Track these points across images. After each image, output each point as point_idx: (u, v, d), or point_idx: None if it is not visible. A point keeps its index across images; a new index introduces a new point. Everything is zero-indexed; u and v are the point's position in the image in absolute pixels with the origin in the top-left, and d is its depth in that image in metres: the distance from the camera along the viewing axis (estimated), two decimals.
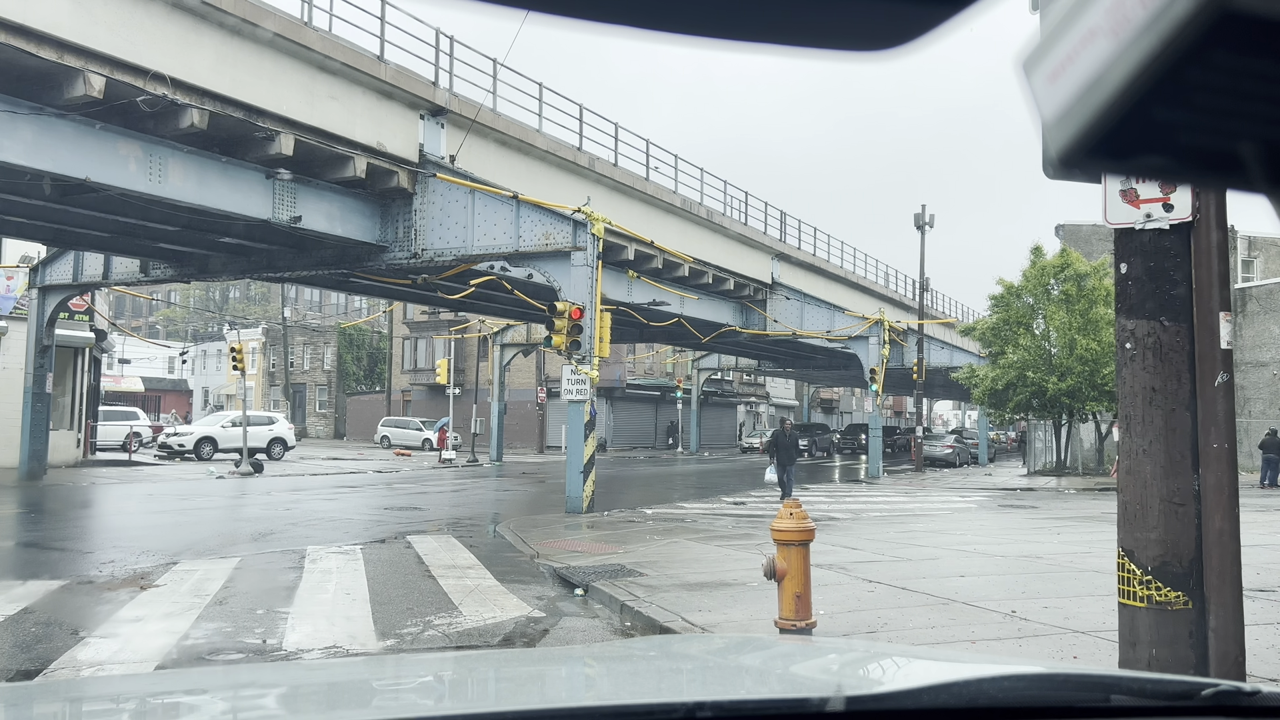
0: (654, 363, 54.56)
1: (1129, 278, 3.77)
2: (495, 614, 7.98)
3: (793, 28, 0.43)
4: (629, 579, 9.25)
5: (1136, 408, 3.77)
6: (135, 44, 13.63)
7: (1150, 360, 3.70)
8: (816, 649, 2.62)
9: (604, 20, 0.42)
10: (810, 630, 6.38)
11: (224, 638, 6.99)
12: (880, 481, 28.31)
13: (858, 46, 0.44)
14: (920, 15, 0.43)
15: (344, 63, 16.63)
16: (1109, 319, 28.80)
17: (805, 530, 6.53)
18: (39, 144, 13.99)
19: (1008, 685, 1.43)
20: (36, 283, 23.75)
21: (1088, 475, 30.26)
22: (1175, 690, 1.40)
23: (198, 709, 1.71)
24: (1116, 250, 3.76)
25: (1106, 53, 0.39)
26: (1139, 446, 3.77)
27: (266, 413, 40.72)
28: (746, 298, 30.99)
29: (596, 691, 1.85)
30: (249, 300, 79.96)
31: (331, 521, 15.19)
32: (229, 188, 16.48)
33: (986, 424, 45.90)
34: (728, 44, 0.44)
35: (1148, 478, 3.73)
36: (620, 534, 13.32)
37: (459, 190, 18.41)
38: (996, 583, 8.94)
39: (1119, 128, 0.39)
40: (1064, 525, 14.93)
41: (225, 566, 10.07)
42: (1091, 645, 6.23)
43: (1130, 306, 3.77)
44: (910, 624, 7.00)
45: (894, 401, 72.77)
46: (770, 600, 7.44)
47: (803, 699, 1.39)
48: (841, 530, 13.88)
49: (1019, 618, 7.13)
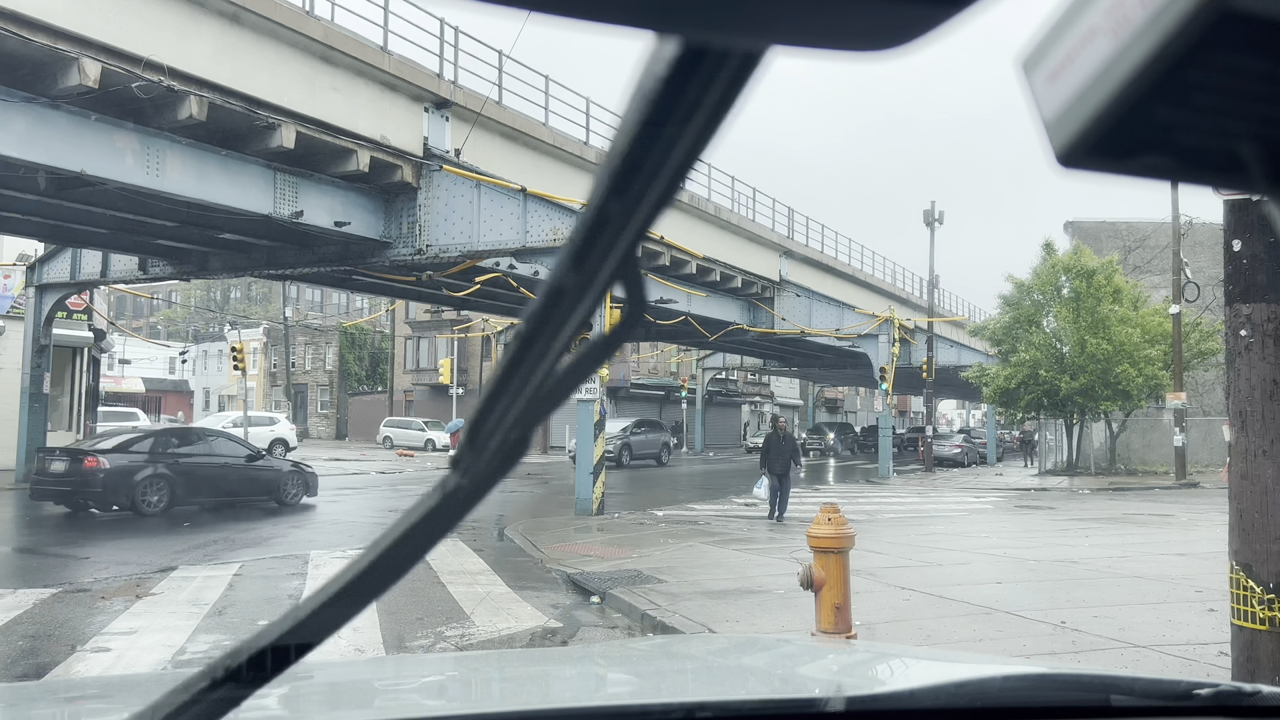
0: (658, 362, 54.14)
1: (1243, 256, 3.35)
2: (509, 624, 7.57)
3: (793, 28, 0.41)
4: (648, 586, 8.84)
5: (1254, 403, 3.35)
6: (132, 31, 13.21)
7: (1271, 349, 3.28)
8: (818, 650, 2.59)
9: (604, 20, 0.41)
10: None
11: (222, 652, 6.56)
12: (890, 482, 27.89)
13: (858, 46, 0.42)
14: (920, 15, 0.41)
15: (347, 53, 16.20)
16: (1119, 317, 28.45)
17: (845, 536, 6.10)
18: (33, 135, 13.55)
19: (1008, 685, 1.43)
20: (33, 281, 23.34)
21: (1100, 475, 29.85)
22: (1175, 690, 1.38)
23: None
24: (1227, 226, 3.35)
25: (1106, 53, 0.38)
26: (1258, 447, 3.34)
27: (268, 413, 40.34)
28: (754, 295, 30.53)
29: (597, 692, 1.86)
30: (250, 300, 79.60)
31: (334, 524, 14.79)
32: (229, 181, 16.05)
33: (996, 423, 45.52)
34: (727, 44, 0.44)
35: (1269, 483, 3.30)
36: (633, 537, 12.91)
37: (464, 184, 17.99)
38: (1036, 590, 8.52)
39: (1119, 128, 0.39)
40: (1089, 527, 14.50)
41: (224, 573, 9.66)
42: (1157, 661, 5.80)
43: (1245, 289, 3.35)
44: (955, 635, 6.57)
45: (899, 401, 72.37)
46: (799, 609, 7.03)
47: (803, 699, 1.40)
48: (861, 533, 13.36)
49: (1070, 629, 6.70)
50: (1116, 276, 29.71)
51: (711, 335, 33.20)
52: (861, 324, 30.69)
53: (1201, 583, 8.49)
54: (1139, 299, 30.22)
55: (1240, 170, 0.40)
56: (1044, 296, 29.99)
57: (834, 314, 30.97)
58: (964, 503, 20.21)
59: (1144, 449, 34.54)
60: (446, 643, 6.94)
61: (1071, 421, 31.06)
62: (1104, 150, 0.40)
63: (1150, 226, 37.14)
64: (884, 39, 0.42)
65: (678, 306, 26.94)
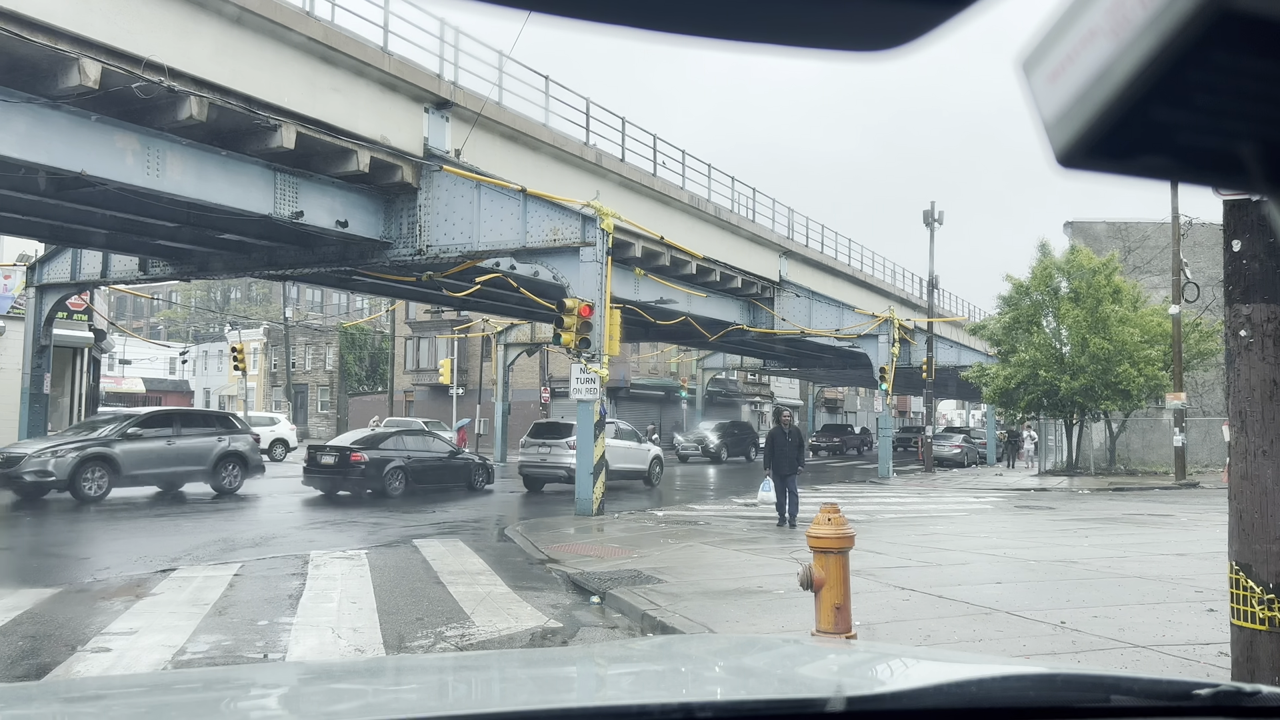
0: (658, 362, 54.11)
1: (1243, 256, 3.34)
2: (510, 624, 7.57)
3: (793, 27, 0.42)
4: (648, 586, 8.83)
5: (1254, 403, 3.34)
6: (132, 32, 13.21)
7: (1271, 349, 3.28)
8: (818, 650, 2.60)
9: (604, 20, 0.41)
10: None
11: (223, 652, 6.57)
12: (890, 482, 27.87)
13: (858, 46, 0.43)
14: (920, 15, 0.42)
15: (347, 54, 16.20)
16: (1119, 316, 28.42)
17: (845, 537, 6.10)
18: (33, 136, 13.56)
19: (1009, 685, 1.43)
20: (34, 281, 23.35)
21: (1100, 475, 29.83)
22: (1175, 690, 1.39)
23: (197, 709, 1.68)
24: (1227, 226, 3.35)
25: (1106, 53, 0.39)
26: (1257, 447, 3.34)
27: (268, 413, 40.32)
28: (754, 296, 30.53)
29: (597, 692, 1.85)
30: (250, 300, 79.56)
31: (335, 525, 14.78)
32: (229, 182, 16.05)
33: (995, 424, 45.49)
34: (727, 44, 0.44)
35: (1269, 483, 3.30)
36: (633, 537, 12.90)
37: (464, 185, 17.99)
38: (1036, 590, 8.51)
39: (1119, 128, 0.39)
40: (1089, 527, 14.49)
41: (225, 573, 9.65)
42: (1157, 661, 5.80)
43: (1245, 289, 3.35)
44: (955, 635, 6.57)
45: (898, 401, 72.33)
46: (799, 609, 7.03)
47: (803, 699, 1.39)
48: (861, 533, 13.34)
49: (1070, 629, 6.70)
50: (1116, 276, 29.71)
51: (711, 335, 33.19)
52: (861, 324, 30.68)
53: (1201, 583, 8.48)
54: (1138, 299, 30.22)
55: (1239, 170, 0.40)
56: (1043, 296, 29.97)
57: (834, 314, 30.96)
58: (964, 503, 20.20)
59: (1144, 449, 34.52)
60: (446, 643, 6.93)
61: (1071, 421, 31.04)
62: (1103, 150, 0.40)
63: (1150, 226, 37.13)
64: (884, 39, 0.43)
65: (678, 307, 26.94)
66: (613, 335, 16.52)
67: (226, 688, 1.97)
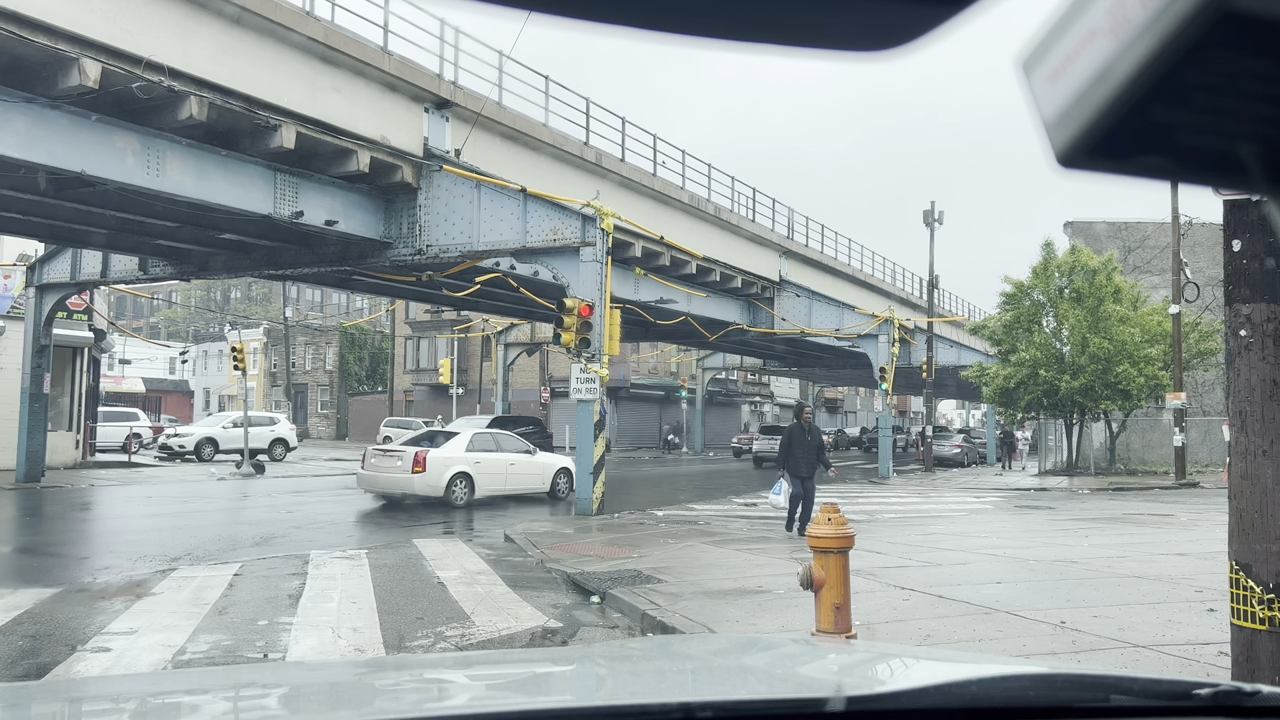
0: (658, 362, 54.12)
1: (1243, 256, 3.35)
2: (510, 624, 7.57)
3: (793, 27, 0.42)
4: (648, 586, 8.83)
5: (1254, 403, 3.35)
6: (132, 32, 13.21)
7: (1271, 349, 3.28)
8: (818, 650, 2.62)
9: (604, 20, 0.41)
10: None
11: (223, 652, 6.57)
12: (890, 482, 27.87)
13: (858, 46, 0.43)
14: (920, 15, 0.42)
15: (347, 54, 16.19)
16: (1119, 316, 28.42)
17: (845, 537, 6.10)
18: (33, 136, 13.55)
19: (1009, 685, 1.43)
20: (33, 281, 23.33)
21: (1100, 475, 29.82)
22: (1175, 690, 1.39)
23: (198, 709, 1.69)
24: (1227, 226, 3.35)
25: (1106, 53, 0.39)
26: (1257, 447, 3.34)
27: (268, 413, 40.31)
28: (754, 295, 30.53)
29: (596, 691, 1.84)
30: (250, 300, 79.55)
31: (335, 524, 14.78)
32: (229, 181, 16.04)
33: (995, 423, 45.48)
34: (728, 44, 0.43)
35: (1269, 483, 3.30)
36: (632, 537, 12.90)
37: (465, 185, 17.99)
38: (1036, 590, 8.51)
39: (1119, 128, 0.39)
40: (1089, 527, 14.49)
41: (225, 573, 9.66)
42: (1157, 661, 5.79)
43: (1245, 289, 3.35)
44: (955, 635, 6.57)
45: (898, 401, 72.31)
46: (799, 609, 7.03)
47: (803, 699, 1.39)
48: (861, 533, 13.31)
49: (1070, 629, 6.70)
50: (1116, 275, 29.72)
51: (711, 335, 33.19)
52: (861, 324, 30.67)
53: (1201, 583, 8.49)
54: (1138, 299, 30.23)
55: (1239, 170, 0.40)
56: (1045, 296, 29.97)
57: (834, 314, 30.95)
58: (964, 503, 20.20)
59: (1144, 449, 34.53)
60: (446, 643, 6.93)
61: (1071, 421, 31.05)
62: (1104, 150, 0.40)
63: (1150, 226, 37.13)
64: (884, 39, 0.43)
65: (678, 306, 26.94)
66: (613, 335, 16.53)
67: (226, 687, 1.97)
